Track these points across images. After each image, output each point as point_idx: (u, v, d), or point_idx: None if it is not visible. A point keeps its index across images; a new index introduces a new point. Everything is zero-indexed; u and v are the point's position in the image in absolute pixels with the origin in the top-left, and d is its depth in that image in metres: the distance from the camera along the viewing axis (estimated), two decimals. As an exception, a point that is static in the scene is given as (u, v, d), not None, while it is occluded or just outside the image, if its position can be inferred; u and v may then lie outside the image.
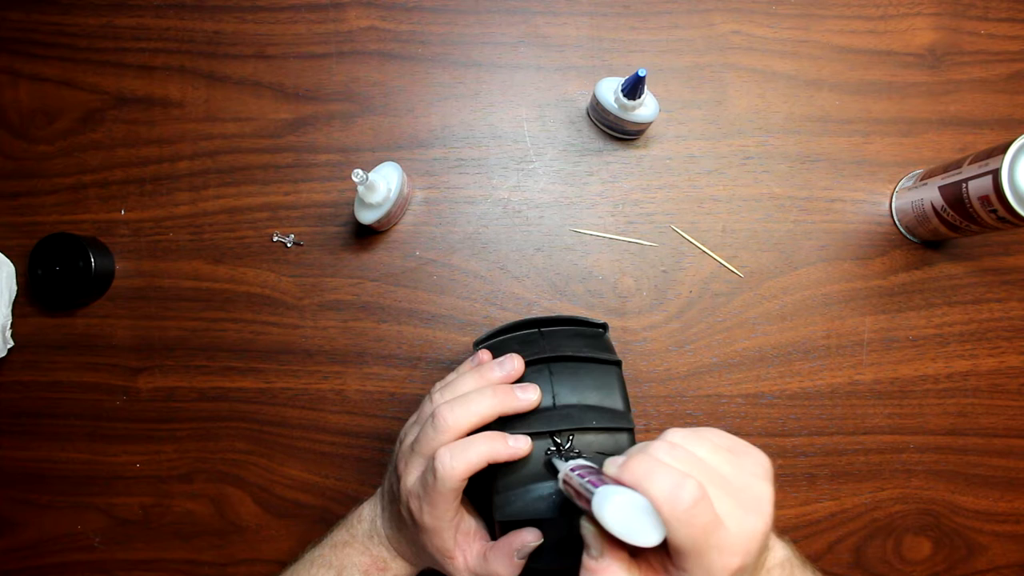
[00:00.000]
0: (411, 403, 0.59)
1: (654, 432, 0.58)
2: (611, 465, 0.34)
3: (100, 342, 0.61)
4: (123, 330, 0.61)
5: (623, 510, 0.31)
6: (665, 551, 0.33)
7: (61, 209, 0.61)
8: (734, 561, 0.32)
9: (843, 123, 0.60)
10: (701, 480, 0.31)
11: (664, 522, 0.30)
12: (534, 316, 0.49)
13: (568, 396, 0.43)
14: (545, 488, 0.41)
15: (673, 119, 0.60)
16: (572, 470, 0.36)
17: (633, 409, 0.45)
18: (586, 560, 0.34)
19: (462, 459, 0.39)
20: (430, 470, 0.40)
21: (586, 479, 0.34)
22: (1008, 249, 0.60)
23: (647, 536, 0.31)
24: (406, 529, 0.44)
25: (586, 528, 0.34)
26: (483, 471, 0.40)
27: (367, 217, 0.55)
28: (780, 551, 0.42)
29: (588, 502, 0.32)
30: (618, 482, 0.32)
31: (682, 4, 0.61)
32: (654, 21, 0.61)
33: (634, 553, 0.34)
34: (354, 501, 0.53)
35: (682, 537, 0.30)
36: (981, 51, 0.61)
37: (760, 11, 0.61)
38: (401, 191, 0.55)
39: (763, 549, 0.34)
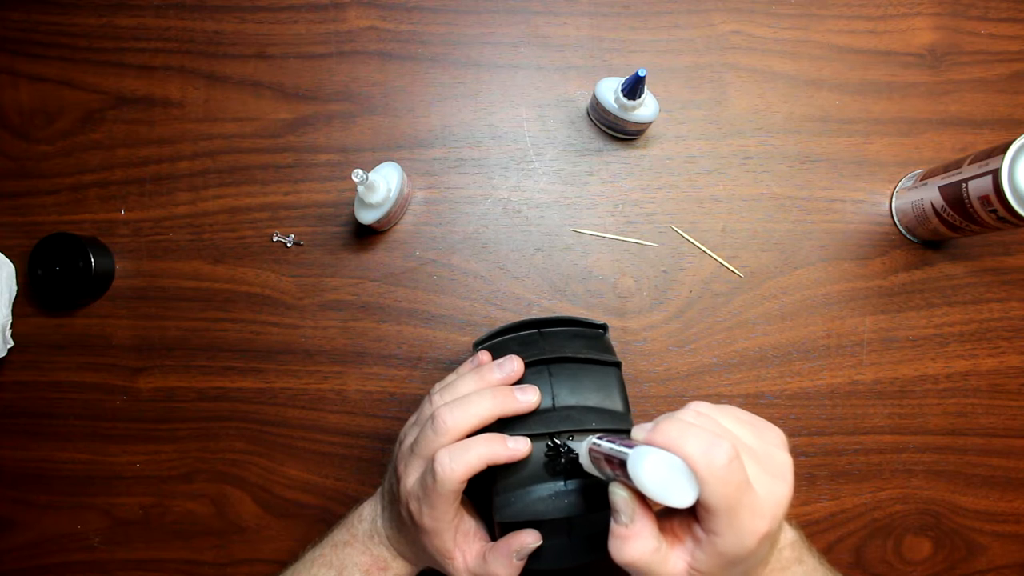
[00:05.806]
0: (411, 403, 0.59)
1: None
2: (640, 431, 0.34)
3: (100, 342, 0.61)
4: (123, 330, 0.61)
5: (659, 468, 0.31)
6: (691, 517, 0.33)
7: (61, 209, 0.61)
8: (763, 524, 0.32)
9: (843, 123, 0.60)
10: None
11: (699, 481, 0.31)
12: (534, 317, 0.49)
13: (568, 397, 0.43)
14: (545, 489, 0.41)
15: (673, 119, 0.60)
16: (598, 438, 0.36)
17: (633, 410, 0.45)
18: (616, 528, 0.34)
19: (461, 461, 0.39)
20: (429, 472, 0.40)
21: (616, 443, 0.34)
22: (1008, 249, 0.60)
23: (682, 495, 0.31)
24: (406, 530, 0.44)
25: (617, 494, 0.34)
26: (483, 472, 0.40)
27: (367, 217, 0.55)
28: (790, 532, 0.42)
29: (619, 465, 0.32)
30: (649, 445, 0.32)
31: (682, 4, 0.61)
32: (654, 21, 0.61)
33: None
34: (354, 501, 0.53)
35: (717, 496, 0.31)
36: (981, 51, 0.60)
37: (760, 11, 0.61)
38: (401, 191, 0.55)
39: (783, 519, 0.35)
